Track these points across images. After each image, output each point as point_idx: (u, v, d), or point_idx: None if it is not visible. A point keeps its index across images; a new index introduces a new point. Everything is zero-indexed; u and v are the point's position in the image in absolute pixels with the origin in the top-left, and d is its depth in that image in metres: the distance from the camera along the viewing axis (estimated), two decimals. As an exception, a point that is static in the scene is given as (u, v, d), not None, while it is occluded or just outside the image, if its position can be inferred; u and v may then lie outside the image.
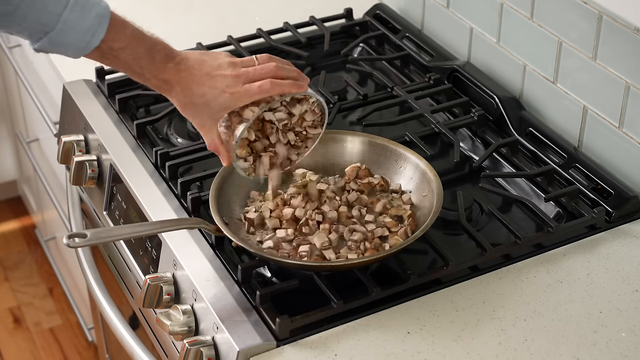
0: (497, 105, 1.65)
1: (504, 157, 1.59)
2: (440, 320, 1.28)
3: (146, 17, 2.01)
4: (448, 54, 1.81)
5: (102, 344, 2.00)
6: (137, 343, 1.43)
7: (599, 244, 1.41)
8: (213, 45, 1.83)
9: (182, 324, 1.31)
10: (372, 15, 1.95)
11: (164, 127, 1.68)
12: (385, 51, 1.89)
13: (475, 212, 1.48)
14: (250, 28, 1.89)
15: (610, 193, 1.47)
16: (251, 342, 1.23)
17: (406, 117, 1.65)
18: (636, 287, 1.33)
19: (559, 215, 1.48)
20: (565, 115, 1.59)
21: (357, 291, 1.29)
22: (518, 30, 1.65)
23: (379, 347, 1.24)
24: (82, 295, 2.30)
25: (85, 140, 1.68)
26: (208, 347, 1.27)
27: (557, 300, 1.31)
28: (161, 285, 1.37)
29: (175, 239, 1.40)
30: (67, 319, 2.65)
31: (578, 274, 1.36)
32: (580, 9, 1.49)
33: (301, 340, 1.25)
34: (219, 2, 2.06)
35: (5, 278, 2.78)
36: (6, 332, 2.62)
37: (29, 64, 2.20)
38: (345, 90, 1.75)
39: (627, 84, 1.46)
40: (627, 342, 1.25)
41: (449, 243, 1.40)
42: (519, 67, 1.67)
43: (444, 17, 1.83)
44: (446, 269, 1.33)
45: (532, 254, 1.39)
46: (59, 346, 2.58)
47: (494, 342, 1.25)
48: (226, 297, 1.30)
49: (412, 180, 1.44)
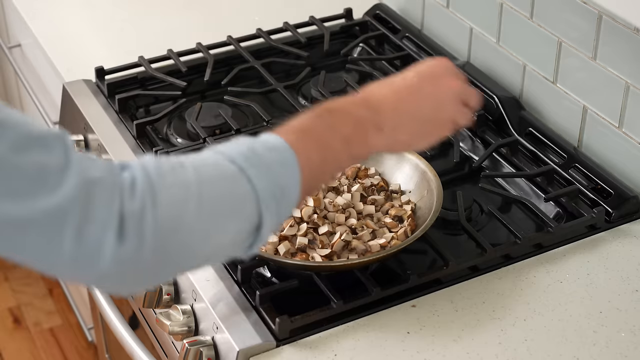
0: (497, 105, 1.64)
1: (503, 157, 1.59)
2: (440, 321, 1.28)
3: (146, 17, 2.01)
4: (448, 54, 1.81)
5: (101, 344, 2.00)
6: (137, 343, 1.43)
7: (598, 244, 1.41)
8: (212, 45, 1.83)
9: (182, 324, 1.31)
10: (372, 15, 1.95)
11: (163, 127, 1.68)
12: (385, 51, 1.89)
13: (475, 212, 1.48)
14: (250, 28, 1.89)
15: (610, 193, 1.47)
16: (251, 342, 1.23)
17: (406, 117, 1.65)
18: (636, 287, 1.33)
19: (559, 215, 1.47)
20: (565, 115, 1.59)
21: (357, 291, 1.29)
22: (518, 30, 1.65)
23: (379, 347, 1.24)
24: (81, 295, 2.30)
25: (85, 140, 1.68)
26: (208, 347, 1.26)
27: (557, 300, 1.31)
28: (161, 285, 1.37)
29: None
30: (66, 319, 2.65)
31: (578, 274, 1.35)
32: (580, 9, 1.49)
33: (301, 340, 1.25)
34: (219, 2, 2.06)
35: (4, 278, 2.78)
36: (6, 332, 2.62)
37: (29, 64, 2.19)
38: (345, 91, 1.74)
39: (627, 84, 1.46)
40: (627, 342, 1.25)
41: (448, 243, 1.40)
42: (519, 67, 1.67)
43: (444, 17, 1.83)
44: (446, 269, 1.33)
45: (532, 254, 1.39)
46: (59, 346, 2.58)
47: (493, 342, 1.25)
48: (226, 297, 1.30)
49: (412, 180, 1.44)
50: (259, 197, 0.95)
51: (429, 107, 1.09)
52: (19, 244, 0.85)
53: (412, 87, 1.08)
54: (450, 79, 1.11)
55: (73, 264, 0.86)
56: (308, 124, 1.02)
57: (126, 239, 0.86)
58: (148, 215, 0.87)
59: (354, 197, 1.40)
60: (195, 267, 0.98)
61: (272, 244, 1.32)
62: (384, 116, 1.06)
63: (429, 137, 1.12)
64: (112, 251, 0.86)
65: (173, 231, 0.89)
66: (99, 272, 0.87)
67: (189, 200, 0.91)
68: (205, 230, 0.92)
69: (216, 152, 0.97)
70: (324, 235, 1.34)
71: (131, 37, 1.93)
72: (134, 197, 0.87)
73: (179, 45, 1.84)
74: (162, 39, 1.89)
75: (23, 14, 2.02)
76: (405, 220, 1.38)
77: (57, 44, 1.91)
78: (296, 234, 1.33)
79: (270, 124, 1.63)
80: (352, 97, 1.08)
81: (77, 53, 1.88)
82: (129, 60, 1.79)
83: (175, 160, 0.94)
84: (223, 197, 0.93)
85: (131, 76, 1.77)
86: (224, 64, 1.81)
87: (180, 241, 0.91)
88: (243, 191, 0.94)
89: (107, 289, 0.94)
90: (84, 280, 0.92)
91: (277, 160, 0.96)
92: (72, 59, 1.86)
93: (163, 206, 0.88)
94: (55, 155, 0.85)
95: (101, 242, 0.85)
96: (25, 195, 0.83)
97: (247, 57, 1.81)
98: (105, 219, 0.85)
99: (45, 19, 1.99)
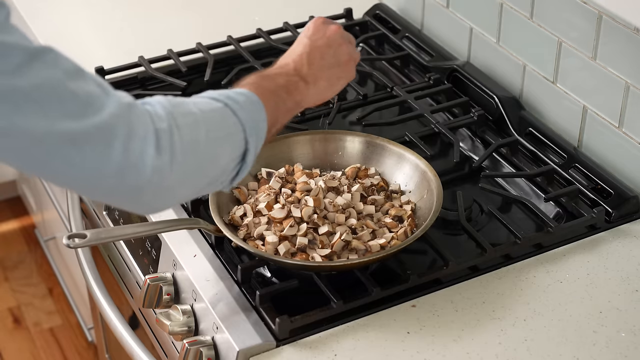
0: (497, 105, 1.64)
1: (503, 157, 1.59)
2: (440, 321, 1.28)
3: (146, 17, 2.01)
4: (448, 54, 1.81)
5: (101, 344, 2.00)
6: (137, 343, 1.43)
7: (598, 244, 1.41)
8: (212, 45, 1.83)
9: (182, 324, 1.31)
10: (371, 15, 1.95)
11: (163, 127, 1.67)
12: (385, 51, 1.89)
13: (475, 212, 1.48)
14: (250, 28, 1.89)
15: (610, 193, 1.47)
16: (251, 342, 1.23)
17: (406, 117, 1.65)
18: (636, 287, 1.33)
19: (559, 215, 1.47)
20: (565, 115, 1.59)
21: (357, 291, 1.29)
22: (518, 30, 1.65)
23: (379, 347, 1.24)
24: (81, 295, 2.30)
25: (85, 140, 1.68)
26: (208, 347, 1.27)
27: (557, 300, 1.31)
28: (161, 286, 1.37)
29: (175, 239, 1.40)
30: (66, 319, 2.65)
31: (578, 274, 1.35)
32: (580, 9, 1.49)
33: (301, 340, 1.25)
34: (219, 2, 2.06)
35: (5, 278, 2.78)
36: (6, 332, 2.62)
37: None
38: (345, 90, 1.74)
39: (627, 84, 1.46)
40: (627, 342, 1.25)
41: (448, 243, 1.40)
42: (519, 67, 1.67)
43: (444, 17, 1.83)
44: (446, 269, 1.33)
45: (532, 254, 1.39)
46: (59, 346, 2.58)
47: (494, 342, 1.25)
48: (226, 297, 1.30)
49: (412, 180, 1.44)
50: (245, 126, 1.12)
51: (329, 54, 1.31)
52: (75, 159, 0.97)
53: (310, 47, 1.31)
54: (330, 29, 1.33)
55: (119, 173, 0.99)
56: (255, 80, 1.21)
57: (162, 151, 1.02)
58: (175, 134, 1.03)
59: (354, 197, 1.40)
60: (199, 192, 1.14)
61: (272, 244, 1.32)
62: (303, 73, 1.28)
63: (341, 78, 1.33)
64: (152, 161, 1.01)
65: (193, 151, 1.06)
66: (141, 180, 1.01)
67: (200, 126, 1.07)
68: (212, 153, 1.09)
69: (197, 96, 1.14)
70: (324, 236, 1.34)
71: (131, 37, 1.93)
72: (162, 119, 1.03)
73: (179, 45, 1.84)
74: (162, 38, 1.89)
75: (23, 13, 2.02)
76: (405, 220, 1.38)
77: (57, 44, 1.90)
78: (296, 234, 1.33)
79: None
80: (271, 68, 1.29)
81: (77, 53, 1.87)
82: (128, 60, 1.79)
83: (178, 97, 1.10)
84: (220, 125, 1.11)
85: (131, 76, 1.77)
86: (224, 64, 1.81)
87: (196, 161, 1.07)
88: (233, 121, 1.12)
89: (134, 204, 1.07)
90: (122, 191, 1.02)
91: (247, 101, 1.15)
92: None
93: (183, 128, 1.05)
94: (95, 85, 1.00)
95: (144, 153, 1.00)
96: (80, 115, 0.97)
97: (247, 57, 1.81)
98: (145, 134, 1.00)
99: (45, 19, 1.99)
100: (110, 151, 0.98)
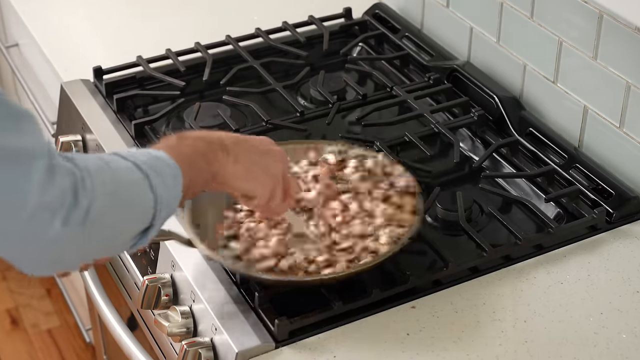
0: (497, 105, 1.64)
1: (504, 158, 1.58)
2: (440, 322, 1.27)
3: (144, 16, 2.01)
4: (448, 54, 1.81)
5: (100, 345, 1.99)
6: (135, 344, 1.43)
7: (599, 244, 1.40)
8: (211, 44, 1.82)
9: (181, 325, 1.30)
10: (371, 14, 1.95)
11: (162, 127, 1.67)
12: (384, 51, 1.88)
13: (475, 212, 1.47)
14: (249, 27, 1.88)
15: (610, 194, 1.46)
16: (250, 344, 1.22)
17: (406, 117, 1.65)
18: (637, 288, 1.33)
19: (560, 216, 1.47)
20: (566, 115, 1.59)
21: (356, 292, 1.29)
22: (518, 29, 1.65)
23: (378, 349, 1.23)
24: (80, 297, 2.29)
25: (83, 140, 1.68)
26: (206, 348, 1.26)
27: (557, 301, 1.30)
28: (159, 287, 1.36)
29: (174, 240, 1.39)
30: (64, 320, 2.65)
31: (578, 275, 1.35)
32: (581, 9, 1.49)
33: (300, 342, 1.24)
34: (217, 2, 2.05)
35: (2, 278, 2.78)
36: (3, 333, 2.62)
37: (26, 64, 2.19)
38: (344, 90, 1.74)
39: (628, 84, 1.45)
40: (628, 343, 1.24)
41: (448, 244, 1.39)
42: (519, 66, 1.67)
43: (444, 17, 1.83)
44: (446, 270, 1.33)
45: (532, 255, 1.38)
46: (57, 347, 2.58)
47: (494, 343, 1.24)
48: (225, 298, 1.29)
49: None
50: (157, 203, 1.10)
51: (259, 152, 1.24)
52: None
53: (244, 137, 1.26)
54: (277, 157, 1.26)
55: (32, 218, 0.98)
56: (179, 146, 1.17)
57: (69, 224, 1.00)
58: (89, 208, 1.02)
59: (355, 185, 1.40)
60: (88, 261, 1.14)
61: (267, 267, 1.30)
62: (227, 144, 1.20)
63: (258, 179, 1.23)
64: (56, 232, 0.99)
65: (98, 225, 1.04)
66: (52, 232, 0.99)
67: (114, 196, 1.06)
68: (118, 225, 1.08)
69: (122, 156, 1.11)
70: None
71: (129, 37, 1.93)
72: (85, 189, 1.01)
73: (178, 45, 1.83)
74: (160, 38, 1.89)
75: (21, 13, 2.01)
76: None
77: (55, 44, 1.91)
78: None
79: (269, 124, 1.62)
80: (195, 132, 1.24)
81: (75, 52, 1.88)
82: (127, 59, 1.79)
83: (100, 159, 1.08)
84: (133, 199, 1.09)
85: (129, 76, 1.76)
86: (222, 64, 1.80)
87: (99, 234, 1.05)
88: (148, 197, 1.09)
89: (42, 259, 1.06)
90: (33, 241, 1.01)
91: (170, 174, 1.12)
92: (70, 59, 1.85)
93: (97, 200, 1.03)
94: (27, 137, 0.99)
95: (50, 226, 0.99)
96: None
97: (246, 57, 1.80)
98: (58, 207, 0.99)
99: (43, 19, 1.99)
100: (28, 187, 0.97)
